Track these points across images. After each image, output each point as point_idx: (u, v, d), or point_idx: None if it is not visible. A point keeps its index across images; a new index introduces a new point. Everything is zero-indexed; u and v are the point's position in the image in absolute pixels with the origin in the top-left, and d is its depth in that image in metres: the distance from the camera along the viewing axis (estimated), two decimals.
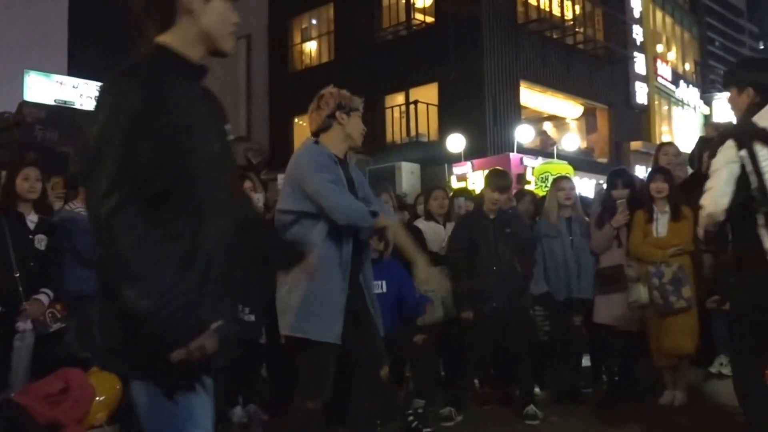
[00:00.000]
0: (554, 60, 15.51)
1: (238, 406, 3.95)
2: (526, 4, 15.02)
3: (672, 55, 21.51)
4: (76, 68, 23.63)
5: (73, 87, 22.72)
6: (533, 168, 12.75)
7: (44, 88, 21.39)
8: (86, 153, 1.48)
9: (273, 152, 17.15)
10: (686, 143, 13.17)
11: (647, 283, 4.25)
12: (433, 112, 14.31)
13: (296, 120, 17.04)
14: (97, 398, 3.12)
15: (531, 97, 15.45)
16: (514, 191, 5.16)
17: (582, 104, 17.01)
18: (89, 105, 22.65)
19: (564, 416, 4.11)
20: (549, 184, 6.76)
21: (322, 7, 16.73)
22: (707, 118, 21.51)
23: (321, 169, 2.69)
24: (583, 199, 5.65)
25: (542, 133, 15.83)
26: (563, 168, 11.63)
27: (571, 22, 16.09)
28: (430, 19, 14.69)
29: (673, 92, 20.68)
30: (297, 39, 17.63)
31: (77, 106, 22.56)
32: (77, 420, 3.01)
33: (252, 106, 17.94)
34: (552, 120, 17.17)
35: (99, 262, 1.54)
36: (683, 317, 4.22)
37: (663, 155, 5.01)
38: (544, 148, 14.64)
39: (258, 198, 4.17)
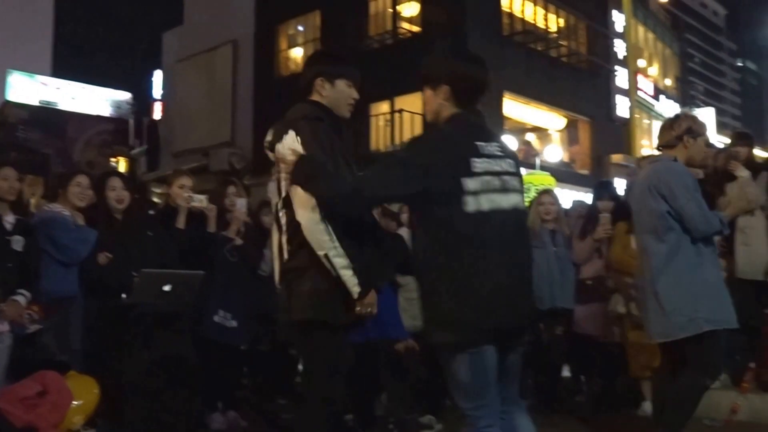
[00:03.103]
0: (538, 72, 15.66)
1: (217, 412, 3.90)
2: (512, 16, 15.17)
3: (653, 70, 21.85)
4: (60, 69, 23.39)
5: (57, 88, 22.47)
6: None
7: (27, 88, 21.14)
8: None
9: (257, 158, 17.08)
10: None
11: (625, 294, 4.30)
12: (418, 121, 14.35)
13: None
14: (75, 402, 3.07)
15: (514, 108, 15.57)
16: None
17: (565, 116, 17.19)
18: (72, 106, 22.48)
19: (544, 426, 4.09)
20: (531, 195, 6.82)
21: (309, 14, 16.74)
22: None
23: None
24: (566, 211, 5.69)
25: (525, 144, 15.95)
26: (545, 179, 11.73)
27: (555, 35, 16.27)
28: (416, 29, 14.77)
29: (654, 106, 21.00)
30: (283, 45, 17.60)
31: (60, 107, 22.33)
32: (54, 424, 2.96)
33: (237, 111, 17.85)
34: (535, 131, 17.31)
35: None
36: None
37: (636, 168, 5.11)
38: (527, 159, 14.75)
39: (242, 203, 4.14)
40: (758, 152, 5.92)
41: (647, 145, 19.86)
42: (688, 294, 2.93)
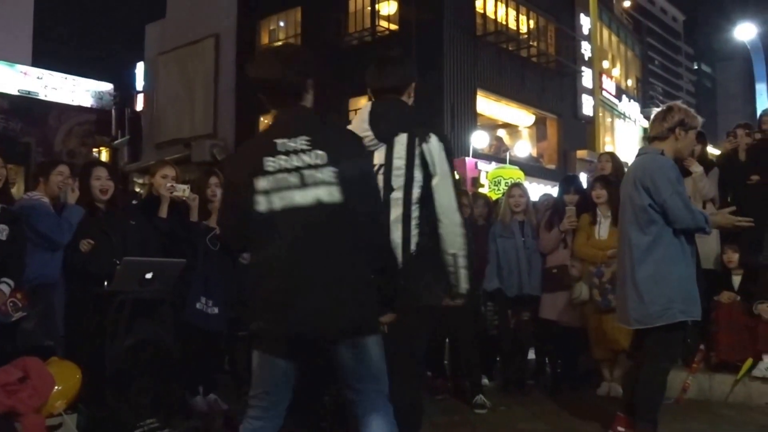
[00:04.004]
0: (509, 71, 15.77)
1: (198, 395, 3.88)
2: (485, 17, 15.22)
3: (616, 71, 22.15)
4: (41, 59, 22.74)
5: (38, 78, 21.86)
6: (487, 172, 12.94)
7: (8, 78, 20.51)
8: None
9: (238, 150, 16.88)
10: (627, 154, 13.55)
11: (588, 281, 4.38)
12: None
13: (262, 119, 16.83)
14: (56, 387, 3.01)
15: (487, 105, 15.66)
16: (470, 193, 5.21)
17: (534, 114, 17.34)
18: (53, 96, 21.92)
19: (510, 405, 4.19)
20: (501, 188, 6.86)
21: (290, 10, 16.57)
22: (645, 131, 22.23)
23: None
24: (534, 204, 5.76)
25: (497, 140, 16.07)
26: (515, 173, 11.83)
27: (526, 36, 16.38)
28: (394, 27, 14.73)
29: (616, 106, 21.31)
30: (265, 40, 17.40)
31: (41, 96, 21.73)
32: (35, 408, 2.90)
33: (219, 104, 17.63)
34: (506, 127, 17.44)
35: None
36: None
37: (599, 163, 5.21)
38: (498, 154, 14.87)
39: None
40: (711, 150, 6.05)
41: (610, 142, 20.17)
42: (666, 286, 2.94)
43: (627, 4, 25.22)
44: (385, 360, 2.05)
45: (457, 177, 2.44)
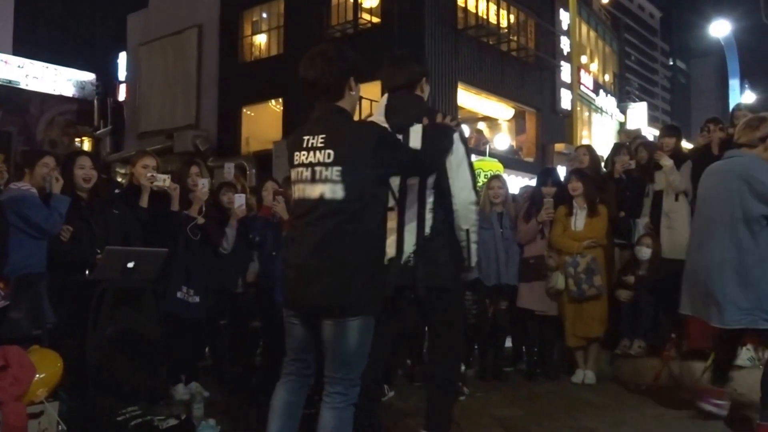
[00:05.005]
0: (489, 64, 15.79)
1: (180, 383, 3.86)
2: (466, 11, 15.20)
3: (594, 66, 22.30)
4: (22, 48, 22.22)
5: (19, 67, 21.40)
6: None
7: None
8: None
9: (221, 140, 16.71)
10: (603, 147, 13.68)
11: (564, 271, 4.43)
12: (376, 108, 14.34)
13: (244, 110, 16.66)
14: (38, 375, 2.97)
15: (467, 98, 15.67)
16: None
17: (513, 107, 17.40)
18: (34, 85, 21.44)
19: (488, 392, 4.23)
20: (481, 180, 6.90)
21: (273, 1, 16.39)
22: (622, 125, 22.48)
23: None
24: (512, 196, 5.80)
25: (477, 133, 16.11)
26: (494, 165, 11.88)
27: (506, 30, 16.40)
28: (376, 20, 14.65)
29: (594, 100, 21.48)
30: (247, 31, 17.19)
31: (22, 85, 21.28)
32: (16, 397, 2.86)
33: (201, 94, 17.40)
34: (486, 120, 17.49)
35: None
36: (594, 304, 4.42)
37: (576, 155, 5.27)
38: (478, 147, 14.90)
39: (204, 183, 4.08)
40: (685, 144, 6.14)
41: (587, 136, 20.35)
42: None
43: (605, 0, 25.38)
44: (365, 351, 2.19)
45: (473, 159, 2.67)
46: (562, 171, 6.33)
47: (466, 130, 14.58)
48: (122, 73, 21.56)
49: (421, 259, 2.50)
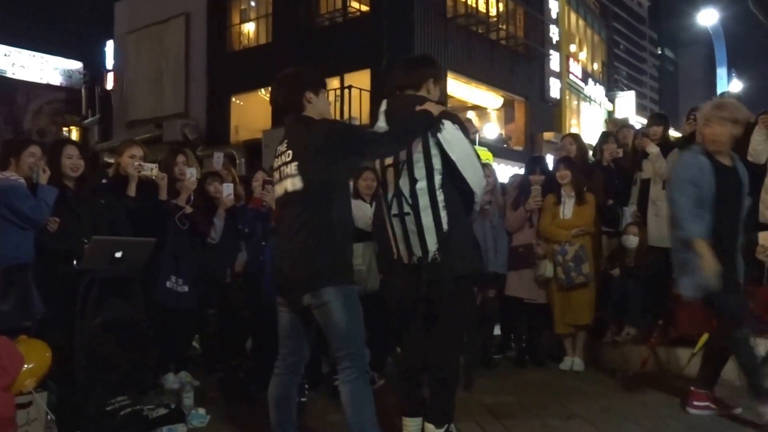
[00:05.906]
0: (479, 53, 15.72)
1: (170, 372, 3.84)
2: (455, 0, 15.10)
3: (583, 55, 22.29)
4: (8, 36, 21.84)
5: (5, 55, 21.06)
6: None
7: None
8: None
9: (209, 129, 16.56)
10: (592, 136, 13.69)
11: (553, 259, 4.44)
12: (366, 97, 14.22)
13: (233, 99, 16.51)
14: (26, 365, 2.95)
15: (457, 87, 15.62)
16: None
17: (502, 96, 17.37)
18: (21, 74, 21.10)
19: (477, 377, 4.25)
20: None
21: None
22: (610, 114, 22.53)
23: None
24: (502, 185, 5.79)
25: (466, 121, 16.06)
26: (483, 154, 11.85)
27: (495, 19, 16.33)
28: (365, 8, 14.52)
29: (583, 89, 21.48)
30: (236, 20, 16.99)
31: (9, 74, 20.94)
32: (4, 387, 2.83)
33: (190, 84, 17.20)
34: (475, 109, 17.46)
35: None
36: (582, 291, 4.44)
37: (562, 144, 5.27)
38: (467, 135, 14.86)
39: (192, 172, 4.04)
40: (673, 132, 6.16)
41: (576, 125, 20.38)
42: None
43: None
44: (356, 324, 2.41)
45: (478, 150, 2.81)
46: (550, 160, 6.33)
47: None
48: (110, 62, 21.25)
49: (445, 253, 2.66)
